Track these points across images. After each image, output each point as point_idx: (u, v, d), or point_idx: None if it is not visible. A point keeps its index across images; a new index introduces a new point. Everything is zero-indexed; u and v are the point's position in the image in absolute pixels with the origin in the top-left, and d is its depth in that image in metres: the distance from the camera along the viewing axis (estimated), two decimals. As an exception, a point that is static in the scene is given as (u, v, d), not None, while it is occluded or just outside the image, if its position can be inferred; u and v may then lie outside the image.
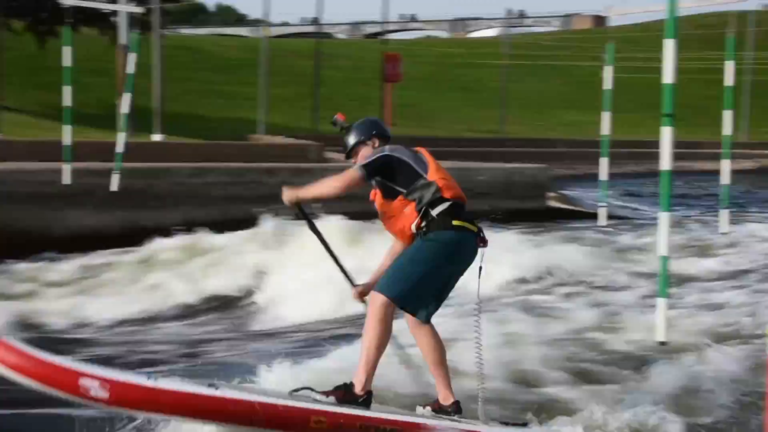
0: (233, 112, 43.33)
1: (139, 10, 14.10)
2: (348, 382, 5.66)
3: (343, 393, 5.62)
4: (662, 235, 7.32)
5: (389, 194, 5.82)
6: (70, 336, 10.08)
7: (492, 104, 53.95)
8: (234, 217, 14.47)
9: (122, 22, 25.64)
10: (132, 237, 13.58)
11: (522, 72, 64.90)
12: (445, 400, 5.82)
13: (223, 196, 14.77)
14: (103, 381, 5.30)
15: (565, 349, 7.80)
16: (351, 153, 6.10)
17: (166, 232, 13.32)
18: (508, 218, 17.35)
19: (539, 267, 11.91)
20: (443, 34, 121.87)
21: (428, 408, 5.87)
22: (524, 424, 5.92)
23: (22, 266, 12.38)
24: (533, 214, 18.27)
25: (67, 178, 13.13)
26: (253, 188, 15.14)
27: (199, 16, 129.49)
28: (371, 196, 6.01)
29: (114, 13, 30.57)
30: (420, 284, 5.63)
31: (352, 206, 8.57)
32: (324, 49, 41.54)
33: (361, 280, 6.11)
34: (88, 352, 8.95)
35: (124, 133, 13.62)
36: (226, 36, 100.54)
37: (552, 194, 20.47)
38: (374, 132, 6.10)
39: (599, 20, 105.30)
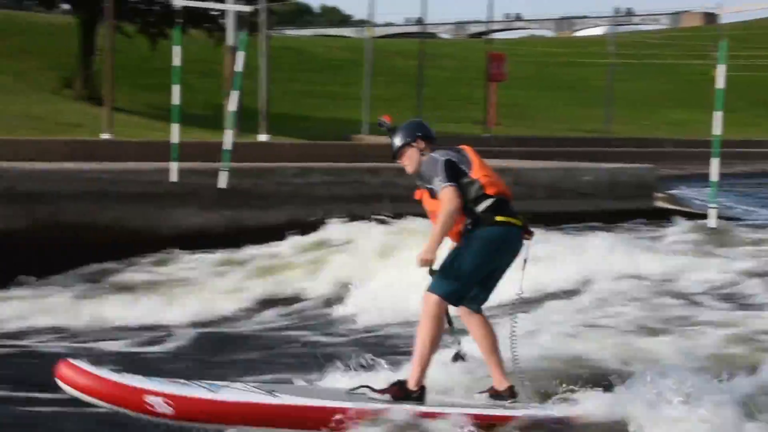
0: (336, 112, 43.61)
1: (247, 9, 14.24)
2: (402, 378, 5.88)
3: (398, 389, 5.81)
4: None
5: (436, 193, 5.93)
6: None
7: (596, 103, 53.18)
8: (337, 217, 14.54)
9: (230, 23, 26.00)
10: (236, 236, 13.77)
11: (628, 71, 63.85)
12: (500, 385, 6.02)
13: (327, 196, 14.82)
14: (167, 397, 5.55)
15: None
16: (397, 154, 6.28)
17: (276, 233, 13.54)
18: (612, 219, 17.11)
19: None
20: (548, 33, 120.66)
21: (485, 394, 6.05)
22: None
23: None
24: (640, 214, 17.92)
25: (174, 177, 13.31)
26: (356, 188, 15.18)
27: (304, 17, 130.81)
28: (416, 196, 6.19)
29: (222, 14, 31.10)
30: (468, 281, 5.88)
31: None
32: (428, 49, 41.48)
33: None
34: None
35: (232, 131, 13.74)
36: (330, 37, 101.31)
37: (659, 194, 20.06)
38: (419, 134, 6.25)
39: (710, 18, 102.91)
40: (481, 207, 5.92)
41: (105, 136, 19.25)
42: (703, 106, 53.39)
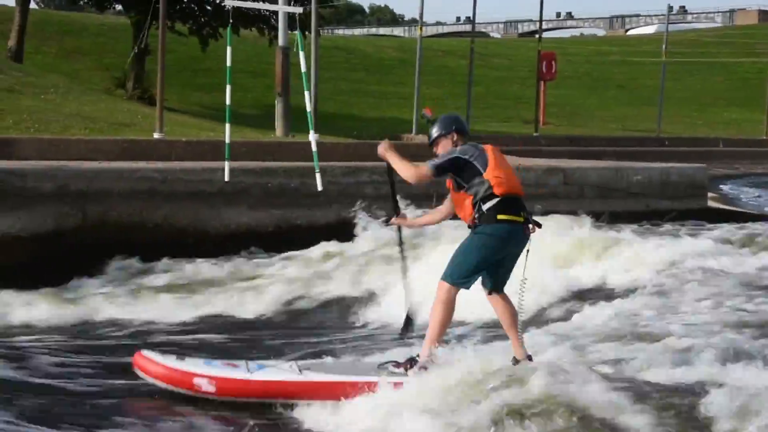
0: (386, 111, 43.63)
1: (298, 10, 14.24)
2: (416, 355, 6.92)
3: (413, 364, 6.86)
4: None
5: (457, 186, 6.96)
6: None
7: (648, 102, 52.62)
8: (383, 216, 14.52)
9: (281, 24, 26.09)
10: (286, 235, 13.83)
11: (681, 69, 63.11)
12: (520, 355, 6.91)
13: (375, 196, 14.80)
14: (210, 378, 6.94)
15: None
16: (433, 143, 7.24)
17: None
18: (663, 219, 16.95)
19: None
20: (600, 32, 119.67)
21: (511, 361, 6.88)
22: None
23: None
24: (691, 214, 17.72)
25: (227, 176, 13.37)
26: (404, 187, 15.08)
27: (355, 17, 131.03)
28: (447, 184, 7.15)
29: (273, 14, 31.25)
30: (475, 270, 6.80)
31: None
32: (478, 48, 41.31)
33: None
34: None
35: (312, 132, 13.78)
36: (380, 36, 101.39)
37: (712, 194, 19.81)
38: (454, 127, 7.16)
39: (765, 15, 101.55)
40: (487, 206, 6.76)
41: (156, 135, 19.38)
42: (759, 105, 52.90)
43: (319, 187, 13.24)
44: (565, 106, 52.45)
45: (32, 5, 40.12)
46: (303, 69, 12.88)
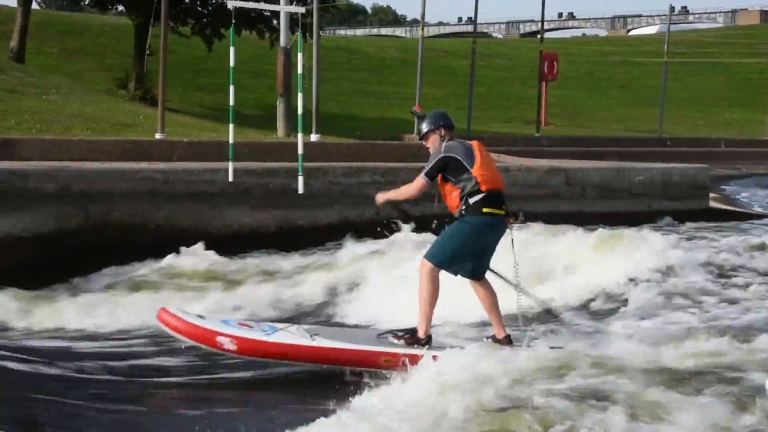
0: (388, 111, 43.63)
1: (299, 10, 14.19)
2: (414, 327, 7.69)
3: (410, 337, 7.68)
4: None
5: (444, 180, 7.69)
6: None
7: (650, 103, 52.61)
8: (387, 217, 14.52)
9: (282, 25, 26.11)
10: (288, 236, 13.83)
11: (683, 70, 63.10)
12: (499, 334, 7.74)
13: (377, 196, 14.82)
14: (233, 338, 7.60)
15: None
16: (423, 137, 7.99)
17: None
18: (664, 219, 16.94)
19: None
20: (602, 32, 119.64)
21: (489, 339, 7.78)
22: (560, 347, 7.35)
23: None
24: (693, 215, 17.73)
25: (231, 176, 13.35)
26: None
27: (357, 17, 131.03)
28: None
29: (275, 15, 31.24)
30: (456, 253, 7.58)
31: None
32: (480, 48, 41.32)
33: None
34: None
35: (301, 133, 13.74)
36: (382, 37, 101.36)
37: (714, 195, 19.80)
38: (441, 123, 7.88)
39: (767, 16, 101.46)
40: (473, 199, 7.54)
41: (158, 135, 19.40)
42: (761, 106, 52.89)
43: (300, 190, 13.21)
44: (566, 107, 52.44)
45: (34, 6, 40.18)
46: (299, 71, 12.80)
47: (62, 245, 12.23)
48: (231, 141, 13.23)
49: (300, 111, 13.13)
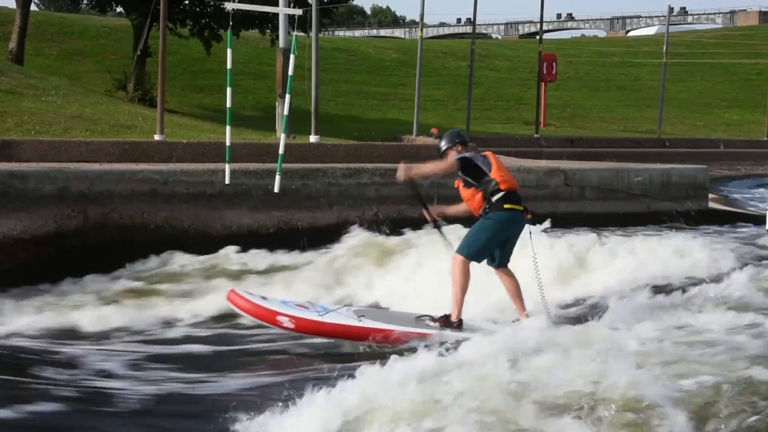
0: (387, 113, 43.62)
1: (298, 12, 14.18)
2: (448, 313, 8.83)
3: (444, 321, 8.84)
4: None
5: (467, 185, 9.01)
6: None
7: (649, 104, 52.60)
8: (387, 217, 14.54)
9: (281, 25, 26.08)
10: (287, 237, 13.81)
11: (682, 71, 63.09)
12: (523, 317, 8.88)
13: (376, 197, 14.82)
14: (291, 317, 8.77)
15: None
16: (442, 155, 9.30)
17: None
18: (663, 220, 16.93)
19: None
20: (601, 33, 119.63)
21: (516, 322, 8.81)
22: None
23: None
24: (693, 216, 17.71)
25: (227, 179, 13.34)
26: (404, 189, 15.11)
27: (356, 18, 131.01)
28: (456, 184, 9.22)
29: (274, 16, 31.21)
30: (485, 246, 8.85)
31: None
32: (479, 49, 41.32)
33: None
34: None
35: (284, 134, 13.75)
36: (381, 38, 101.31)
37: (713, 196, 19.79)
38: (457, 140, 9.33)
39: (766, 17, 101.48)
40: (495, 198, 8.82)
41: (157, 137, 19.38)
42: (759, 107, 52.88)
43: (276, 189, 13.21)
44: (565, 108, 52.42)
45: (33, 7, 40.16)
46: (290, 72, 12.74)
47: (61, 246, 12.22)
48: (228, 143, 13.21)
49: (286, 112, 13.18)
